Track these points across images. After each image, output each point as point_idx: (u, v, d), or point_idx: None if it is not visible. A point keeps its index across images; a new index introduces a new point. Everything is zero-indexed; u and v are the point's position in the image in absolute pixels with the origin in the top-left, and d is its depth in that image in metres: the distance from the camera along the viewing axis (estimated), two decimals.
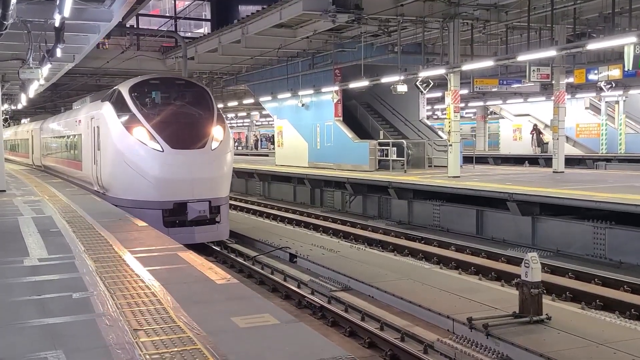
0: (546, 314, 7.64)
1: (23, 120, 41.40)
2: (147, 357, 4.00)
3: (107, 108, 14.01)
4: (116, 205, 12.74)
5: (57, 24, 10.95)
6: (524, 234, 14.57)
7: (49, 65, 14.97)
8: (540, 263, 7.88)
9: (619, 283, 10.48)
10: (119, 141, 13.26)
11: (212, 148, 13.26)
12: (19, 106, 31.40)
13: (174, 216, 13.03)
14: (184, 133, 13.17)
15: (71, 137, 18.93)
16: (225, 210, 13.77)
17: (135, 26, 28.39)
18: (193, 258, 7.16)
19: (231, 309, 5.03)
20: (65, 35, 11.95)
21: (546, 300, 8.28)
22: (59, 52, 13.04)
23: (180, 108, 13.83)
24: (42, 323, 4.76)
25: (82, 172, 16.88)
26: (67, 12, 9.57)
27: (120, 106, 13.67)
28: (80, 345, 4.26)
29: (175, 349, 4.12)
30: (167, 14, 36.18)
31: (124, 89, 14.07)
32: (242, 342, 4.27)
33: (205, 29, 36.69)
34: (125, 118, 13.31)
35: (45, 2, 11.76)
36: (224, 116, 14.40)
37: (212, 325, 4.62)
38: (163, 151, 12.76)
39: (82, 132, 16.64)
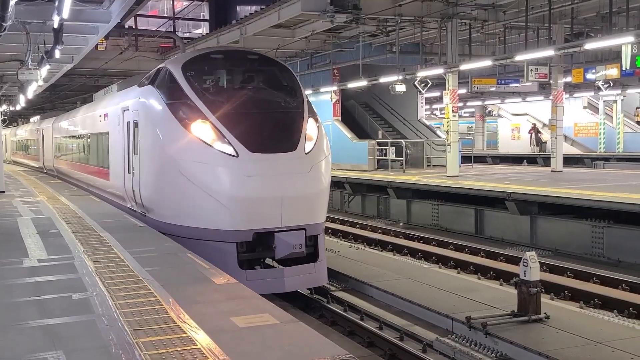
0: (545, 313, 7.66)
1: (33, 119, 36.92)
2: (147, 357, 4.01)
3: (151, 95, 10.22)
4: (164, 234, 9.18)
5: (55, 25, 10.94)
6: (523, 233, 14.60)
7: (47, 67, 14.95)
8: (539, 262, 7.91)
9: (617, 282, 10.52)
10: (169, 141, 9.38)
11: (307, 151, 9.33)
12: (18, 107, 31.34)
13: (254, 252, 9.11)
14: (265, 130, 9.34)
15: (93, 136, 15.20)
16: (322, 242, 9.69)
17: (133, 27, 28.39)
18: (192, 258, 7.18)
19: (231, 309, 5.05)
20: (63, 37, 11.94)
21: (545, 299, 8.31)
22: (57, 53, 13.02)
23: (257, 93, 10.08)
24: (42, 324, 4.77)
25: (110, 183, 13.03)
26: (65, 14, 9.55)
27: (170, 91, 9.81)
28: (80, 346, 4.28)
29: (175, 349, 4.13)
30: (166, 15, 36.17)
31: (174, 66, 10.11)
32: (241, 342, 4.29)
33: (203, 29, 36.69)
34: (179, 108, 9.44)
35: (44, 3, 11.76)
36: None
37: (211, 325, 4.64)
38: (238, 156, 8.81)
39: (110, 129, 12.92)
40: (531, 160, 30.62)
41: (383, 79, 20.37)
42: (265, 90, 10.25)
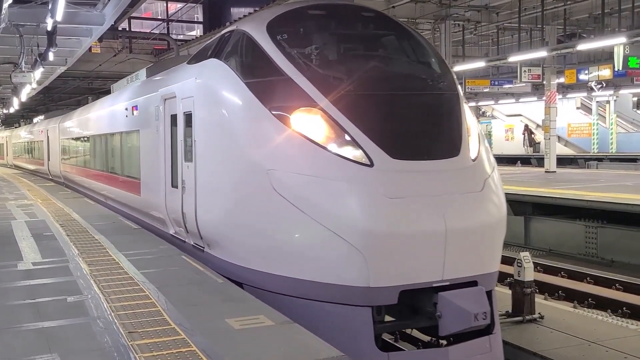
0: (539, 313, 7.70)
1: (37, 118, 32.77)
2: (142, 359, 4.02)
3: (216, 71, 6.93)
4: (241, 285, 6.10)
5: (49, 28, 10.95)
6: (517, 233, 14.64)
7: (41, 69, 14.97)
8: (533, 262, 7.95)
9: (610, 281, 10.57)
10: (254, 141, 6.10)
11: (474, 156, 6.06)
12: (12, 110, 31.28)
13: (399, 322, 5.95)
14: (411, 122, 6.06)
15: (113, 136, 12.20)
16: (496, 302, 6.24)
17: (127, 29, 28.39)
18: (187, 260, 7.17)
19: (226, 311, 5.04)
20: (57, 39, 11.95)
21: (539, 299, 8.35)
22: (51, 56, 13.03)
23: (388, 66, 6.73)
24: (37, 327, 4.76)
25: (140, 199, 9.95)
26: (59, 16, 9.57)
27: (251, 64, 6.69)
28: (76, 349, 4.27)
29: (170, 352, 4.13)
30: (159, 17, 36.17)
31: (256, 28, 6.76)
32: (237, 344, 4.29)
33: (197, 31, 36.73)
34: (268, 89, 6.17)
35: (38, 6, 11.76)
36: None
37: (207, 327, 4.64)
38: (373, 165, 5.53)
39: (140, 126, 9.83)
40: (525, 160, 30.72)
41: None
42: (398, 61, 6.89)
